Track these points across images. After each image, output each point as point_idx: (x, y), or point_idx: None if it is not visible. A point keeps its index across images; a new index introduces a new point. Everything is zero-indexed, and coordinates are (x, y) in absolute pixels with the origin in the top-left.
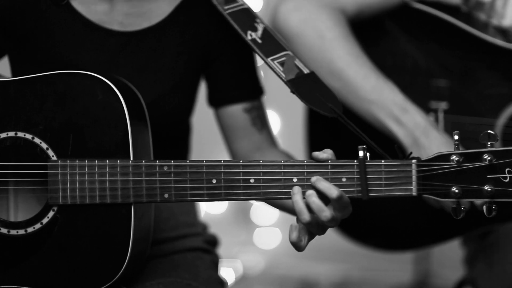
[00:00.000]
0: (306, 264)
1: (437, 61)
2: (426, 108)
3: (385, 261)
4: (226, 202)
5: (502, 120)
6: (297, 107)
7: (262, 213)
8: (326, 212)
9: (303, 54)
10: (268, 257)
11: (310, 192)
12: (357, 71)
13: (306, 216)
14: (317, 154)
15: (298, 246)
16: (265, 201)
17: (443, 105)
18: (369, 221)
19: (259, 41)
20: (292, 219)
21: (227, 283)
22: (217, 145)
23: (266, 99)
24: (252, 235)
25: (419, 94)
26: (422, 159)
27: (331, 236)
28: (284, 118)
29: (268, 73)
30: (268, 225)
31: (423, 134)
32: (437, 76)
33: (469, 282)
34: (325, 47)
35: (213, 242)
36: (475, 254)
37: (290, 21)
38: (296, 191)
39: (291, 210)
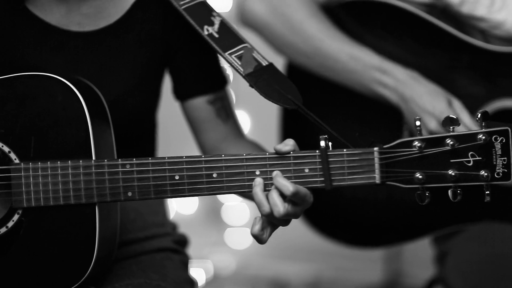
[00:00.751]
0: (277, 264)
1: (414, 58)
2: None
3: (356, 261)
4: (197, 202)
5: None
6: (267, 107)
7: (233, 213)
8: (278, 207)
9: (277, 43)
10: (240, 258)
11: (272, 187)
12: (330, 45)
13: (266, 208)
14: (280, 147)
15: (259, 239)
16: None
17: None
18: (340, 217)
19: (216, 35)
20: None
21: (197, 283)
22: (185, 140)
23: (235, 99)
24: (223, 235)
25: None
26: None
27: (303, 236)
28: (254, 118)
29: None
30: (239, 225)
31: (407, 88)
32: None
33: (440, 281)
34: (295, 30)
35: (182, 242)
36: (445, 253)
37: (256, 12)
38: (257, 183)
39: None
